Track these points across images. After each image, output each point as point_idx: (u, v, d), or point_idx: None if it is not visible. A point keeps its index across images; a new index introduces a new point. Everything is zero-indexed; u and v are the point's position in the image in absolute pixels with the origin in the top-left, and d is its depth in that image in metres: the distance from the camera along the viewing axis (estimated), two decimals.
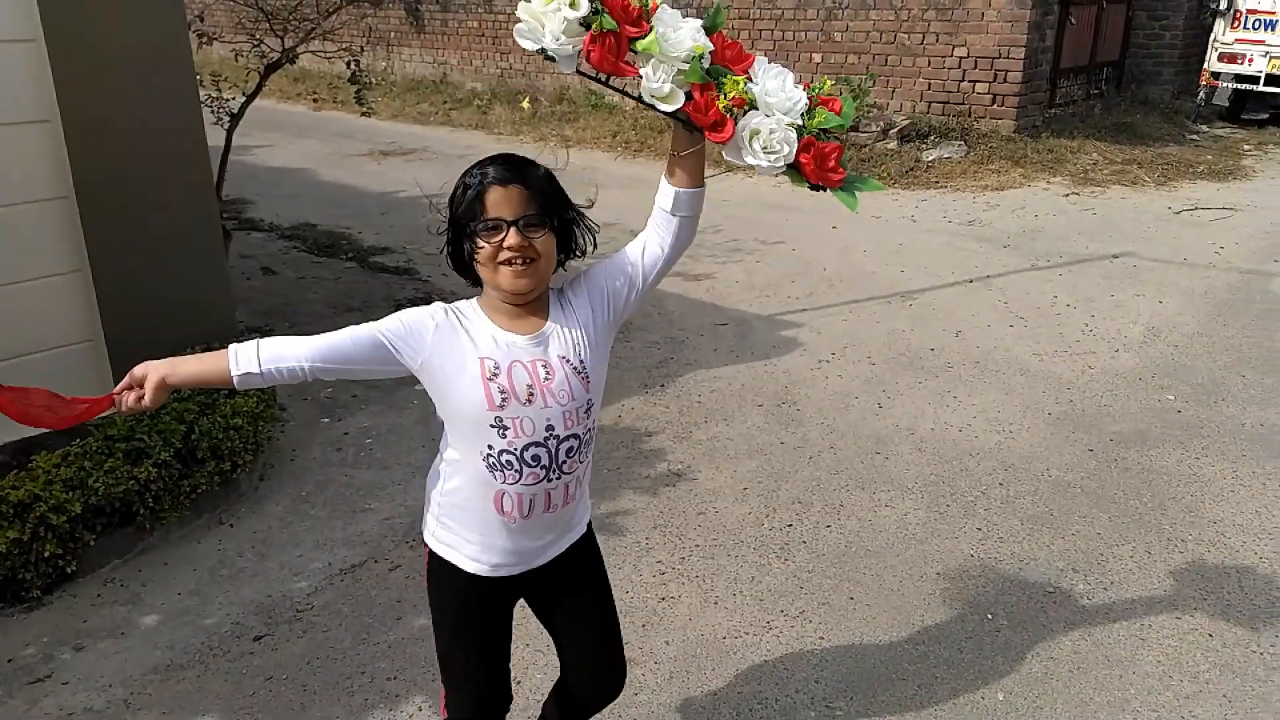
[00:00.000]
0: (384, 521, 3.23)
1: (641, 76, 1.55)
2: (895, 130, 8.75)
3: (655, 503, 3.31)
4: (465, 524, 1.78)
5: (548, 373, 1.67)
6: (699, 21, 1.57)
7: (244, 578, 2.94)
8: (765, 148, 1.56)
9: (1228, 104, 10.17)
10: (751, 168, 1.60)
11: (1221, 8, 9.62)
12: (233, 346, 1.67)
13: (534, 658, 2.55)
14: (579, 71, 1.59)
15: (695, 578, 2.91)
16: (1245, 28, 9.49)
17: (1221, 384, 4.22)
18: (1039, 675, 2.50)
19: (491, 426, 1.66)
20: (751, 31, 10.23)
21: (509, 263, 1.63)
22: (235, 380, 1.66)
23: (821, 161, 1.61)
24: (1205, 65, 9.94)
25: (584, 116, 11.28)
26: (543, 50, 1.54)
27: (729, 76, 1.56)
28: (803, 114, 1.59)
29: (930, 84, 9.12)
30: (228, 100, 5.37)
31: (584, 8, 1.50)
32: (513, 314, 1.70)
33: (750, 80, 1.57)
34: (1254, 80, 9.60)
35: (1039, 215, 7.18)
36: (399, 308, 1.79)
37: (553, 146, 10.31)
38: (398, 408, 4.08)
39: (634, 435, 3.78)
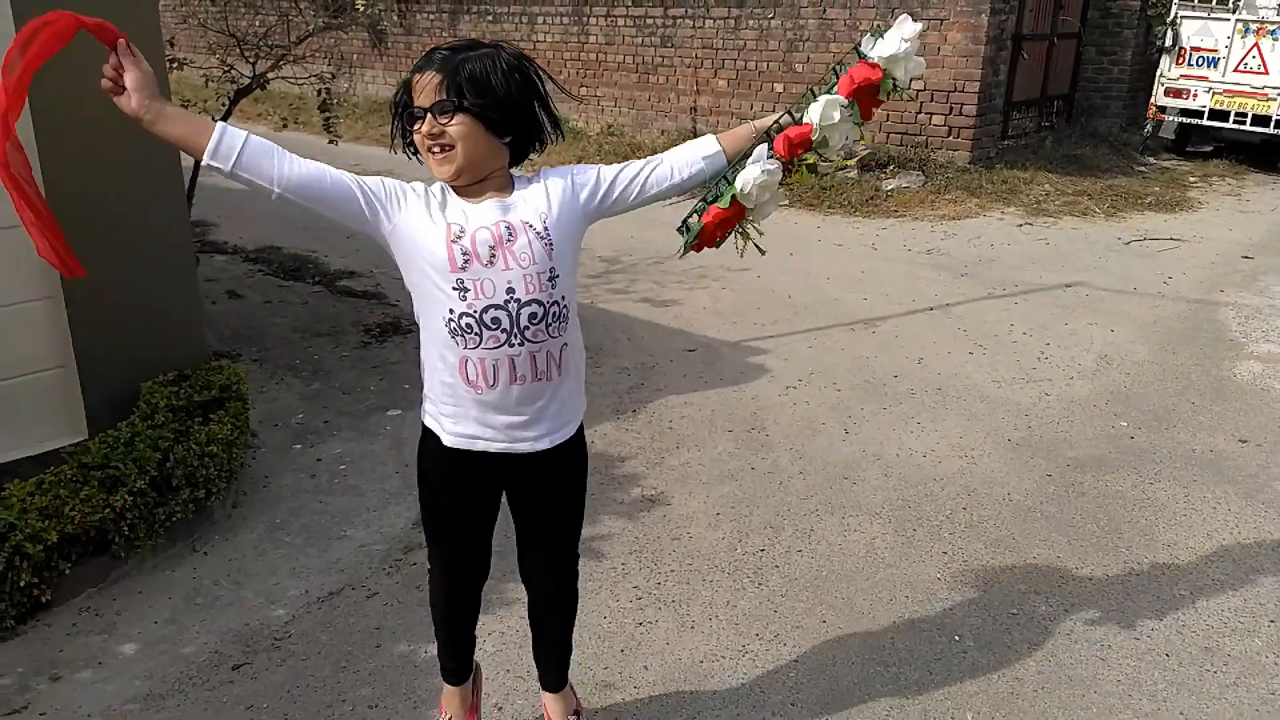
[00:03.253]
0: (360, 548, 3.24)
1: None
2: (856, 160, 8.93)
3: (631, 528, 3.36)
4: (441, 395, 1.86)
5: (510, 234, 1.76)
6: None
7: (220, 606, 2.94)
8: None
9: (1174, 137, 10.54)
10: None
11: (1167, 44, 9.98)
12: (220, 125, 1.66)
13: (515, 684, 2.59)
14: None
15: (671, 603, 2.96)
16: (1190, 64, 9.86)
17: (1172, 411, 4.38)
18: (1005, 695, 2.59)
19: (454, 289, 1.73)
20: (714, 61, 10.41)
21: (430, 150, 1.72)
22: (204, 163, 1.66)
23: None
24: (1152, 99, 10.30)
25: (550, 142, 11.36)
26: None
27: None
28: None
29: (889, 115, 9.34)
30: None
31: None
32: (476, 191, 1.78)
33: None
34: (1198, 114, 9.97)
35: (994, 245, 7.38)
36: (368, 333, 1.89)
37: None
38: (370, 434, 4.09)
39: (607, 461, 3.83)
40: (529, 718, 2.48)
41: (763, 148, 1.84)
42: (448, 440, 1.89)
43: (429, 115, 1.69)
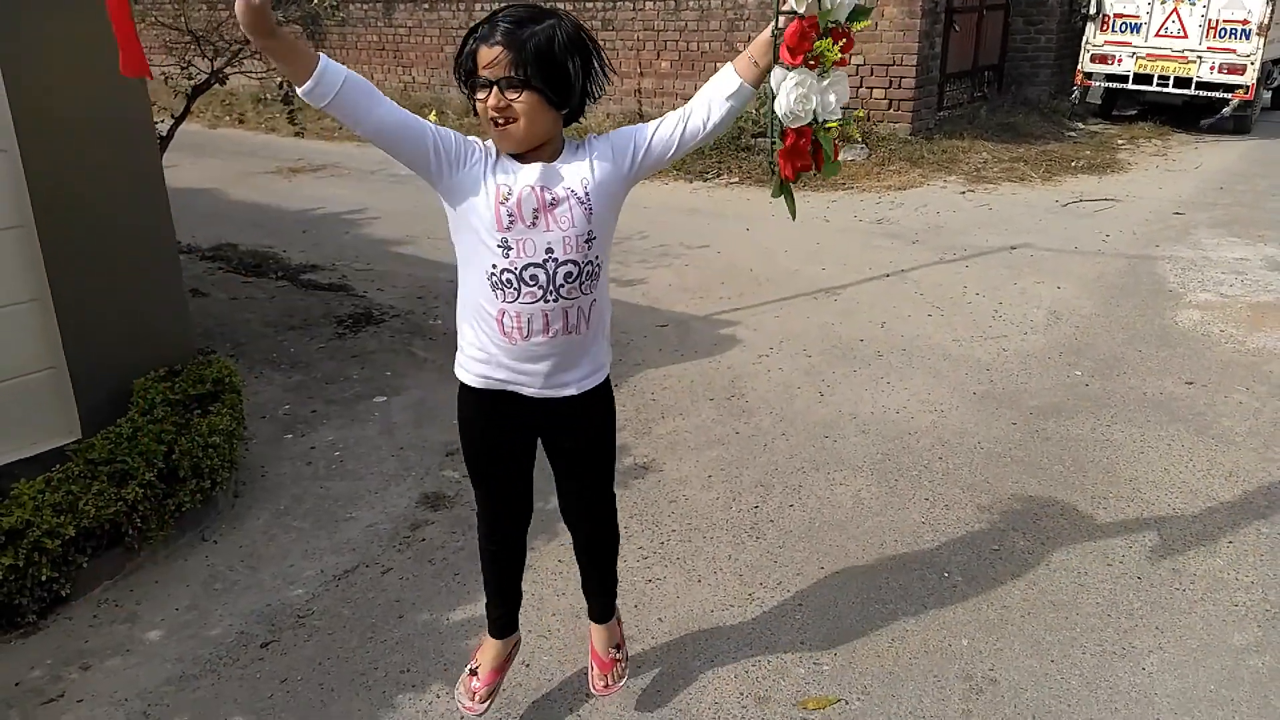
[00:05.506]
0: (368, 528, 3.33)
1: None
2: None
3: (628, 494, 3.49)
4: (478, 345, 1.99)
5: (553, 200, 1.87)
6: None
7: (239, 590, 3.00)
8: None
9: (1100, 102, 10.96)
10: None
11: (1091, 12, 10.36)
12: (324, 59, 1.71)
13: (539, 642, 2.71)
14: None
15: (677, 560, 3.11)
16: (1113, 31, 10.25)
17: (1122, 359, 4.64)
18: (995, 622, 2.78)
19: (498, 246, 1.87)
20: (657, 43, 10.51)
21: (493, 120, 1.81)
22: (308, 84, 1.69)
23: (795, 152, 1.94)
24: (1079, 66, 10.67)
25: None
26: None
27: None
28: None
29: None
30: (155, 124, 5.33)
31: None
32: (528, 154, 1.88)
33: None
34: (1123, 79, 10.38)
35: (940, 212, 7.63)
36: (341, 324, 1.98)
37: None
38: (360, 420, 4.16)
39: None
40: (555, 673, 2.61)
41: (777, 70, 1.85)
42: (481, 384, 2.02)
43: (495, 89, 1.77)
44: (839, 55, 1.86)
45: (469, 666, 2.42)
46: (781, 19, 1.83)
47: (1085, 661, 2.61)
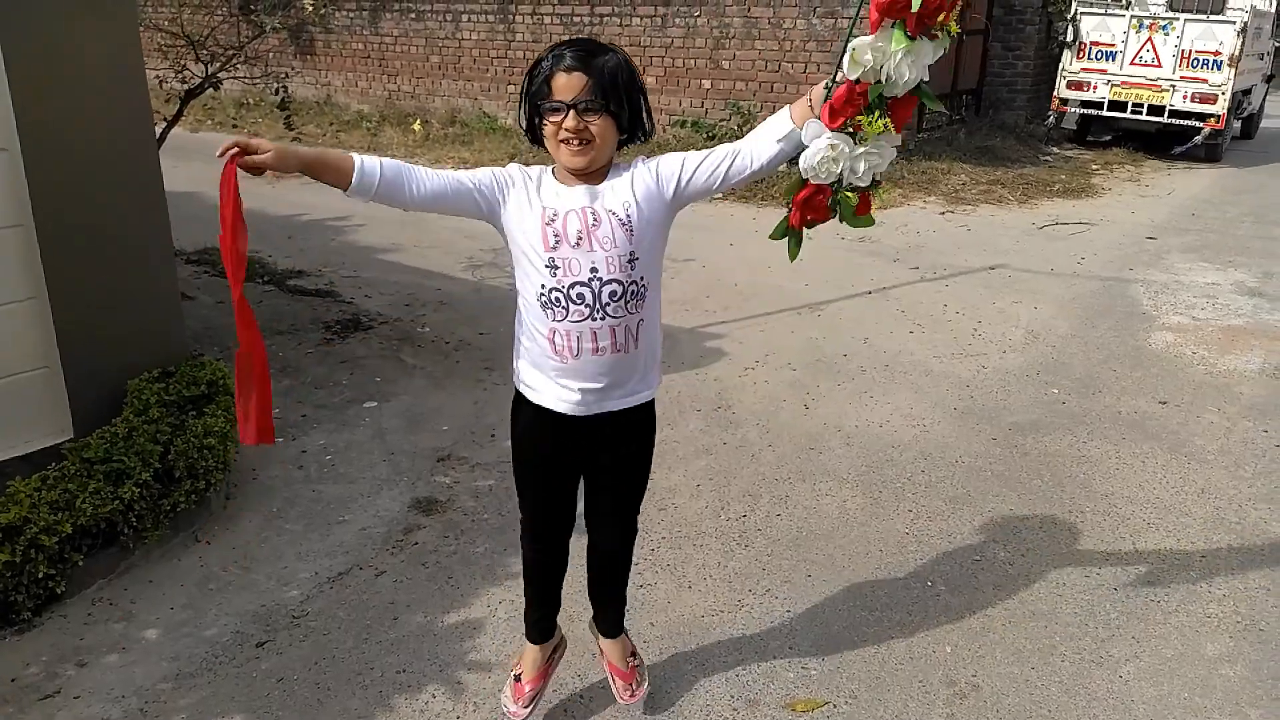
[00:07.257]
0: (361, 531, 3.36)
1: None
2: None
3: None
4: (532, 363, 2.10)
5: (595, 220, 1.97)
6: None
7: (233, 590, 3.03)
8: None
9: (1075, 127, 11.19)
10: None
11: (1068, 40, 10.60)
12: (357, 160, 1.86)
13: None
14: None
15: (667, 566, 3.17)
16: (1090, 58, 10.49)
17: (1097, 378, 4.76)
18: (977, 630, 2.86)
19: (546, 267, 1.97)
20: (642, 59, 10.62)
21: (567, 142, 1.92)
22: (351, 186, 1.88)
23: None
24: (1055, 92, 10.90)
25: (478, 139, 11.44)
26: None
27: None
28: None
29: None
30: None
31: None
32: (576, 178, 1.99)
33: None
34: (1098, 105, 10.62)
35: (920, 232, 7.77)
36: (329, 330, 2.06)
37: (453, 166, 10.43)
38: (350, 425, 4.18)
39: None
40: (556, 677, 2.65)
41: (813, 124, 1.87)
42: (536, 399, 2.12)
43: (572, 111, 1.88)
44: (881, 128, 1.85)
45: (513, 673, 2.49)
46: (839, 73, 1.86)
47: (1064, 669, 2.70)
